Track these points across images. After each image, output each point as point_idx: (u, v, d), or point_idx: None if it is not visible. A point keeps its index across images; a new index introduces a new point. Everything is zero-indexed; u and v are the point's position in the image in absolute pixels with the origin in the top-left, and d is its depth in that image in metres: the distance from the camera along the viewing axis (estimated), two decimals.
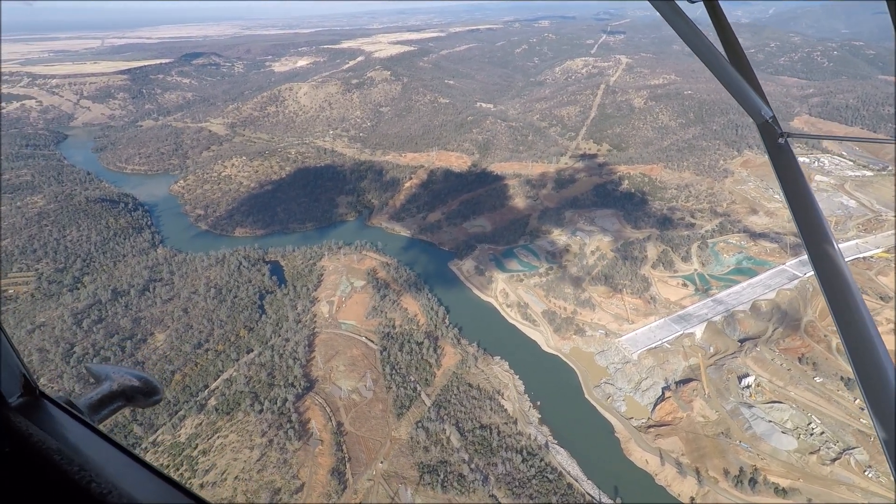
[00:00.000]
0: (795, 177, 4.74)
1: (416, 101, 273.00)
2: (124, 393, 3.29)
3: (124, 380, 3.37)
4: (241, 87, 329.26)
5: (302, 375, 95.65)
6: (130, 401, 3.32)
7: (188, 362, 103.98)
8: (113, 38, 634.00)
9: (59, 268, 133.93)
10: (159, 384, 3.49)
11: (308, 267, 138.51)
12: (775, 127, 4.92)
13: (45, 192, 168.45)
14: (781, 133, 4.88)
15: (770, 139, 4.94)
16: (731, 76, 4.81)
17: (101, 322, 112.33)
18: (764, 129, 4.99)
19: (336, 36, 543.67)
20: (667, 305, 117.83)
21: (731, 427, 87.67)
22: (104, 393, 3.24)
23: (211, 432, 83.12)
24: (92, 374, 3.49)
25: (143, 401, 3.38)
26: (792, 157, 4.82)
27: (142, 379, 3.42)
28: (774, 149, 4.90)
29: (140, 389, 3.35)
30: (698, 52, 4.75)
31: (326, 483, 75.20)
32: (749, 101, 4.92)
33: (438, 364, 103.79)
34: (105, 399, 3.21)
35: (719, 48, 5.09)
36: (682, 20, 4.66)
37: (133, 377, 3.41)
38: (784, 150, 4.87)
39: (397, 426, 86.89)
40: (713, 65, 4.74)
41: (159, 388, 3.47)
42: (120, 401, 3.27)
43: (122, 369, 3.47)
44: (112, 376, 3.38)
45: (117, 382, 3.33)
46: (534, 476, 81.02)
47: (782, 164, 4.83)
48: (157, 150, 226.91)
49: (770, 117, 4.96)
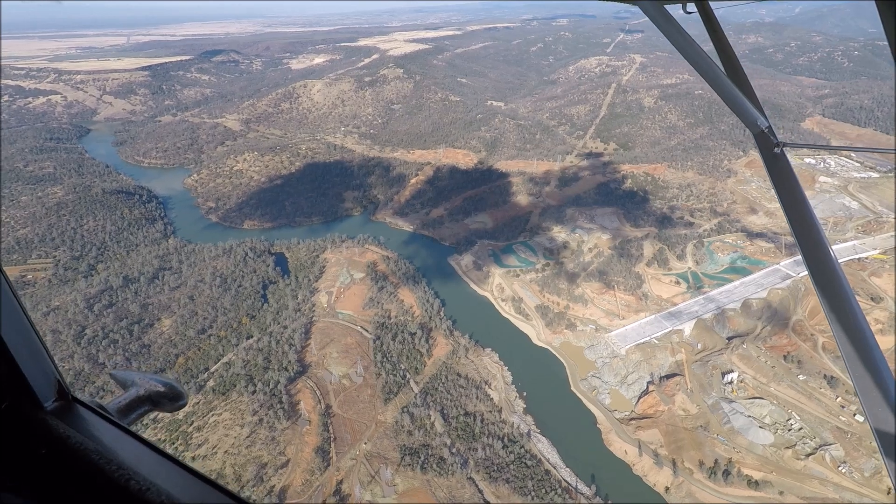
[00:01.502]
0: (791, 185, 4.78)
1: (428, 98, 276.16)
2: (150, 398, 3.37)
3: (150, 385, 3.44)
4: (258, 84, 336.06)
5: (296, 360, 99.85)
6: (156, 405, 3.40)
7: (191, 346, 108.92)
8: (138, 35, 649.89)
9: (76, 255, 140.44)
10: (184, 389, 3.61)
11: (311, 259, 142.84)
12: (771, 137, 4.95)
13: (65, 183, 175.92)
14: (777, 143, 4.91)
15: (766, 149, 4.97)
16: (726, 87, 4.84)
17: (112, 307, 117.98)
18: (760, 138, 5.02)
19: (354, 34, 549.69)
20: (658, 302, 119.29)
21: (710, 421, 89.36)
22: (132, 397, 3.31)
23: (206, 410, 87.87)
24: (117, 381, 3.57)
25: (168, 405, 3.46)
26: (787, 166, 4.86)
27: (167, 385, 3.49)
28: (770, 158, 4.94)
29: (165, 395, 3.45)
30: (693, 63, 4.81)
31: (311, 460, 79.23)
32: (745, 111, 4.92)
33: (429, 354, 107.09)
34: (133, 403, 3.29)
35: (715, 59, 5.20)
36: (673, 27, 4.72)
37: (158, 382, 3.48)
38: (780, 159, 4.90)
39: (384, 410, 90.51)
40: (709, 75, 4.81)
41: (184, 394, 3.57)
42: (147, 405, 3.35)
43: (146, 375, 3.56)
44: (138, 382, 3.46)
45: (144, 388, 3.40)
46: (512, 462, 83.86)
47: (778, 172, 4.88)
48: (173, 144, 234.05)
49: (766, 127, 4.99)
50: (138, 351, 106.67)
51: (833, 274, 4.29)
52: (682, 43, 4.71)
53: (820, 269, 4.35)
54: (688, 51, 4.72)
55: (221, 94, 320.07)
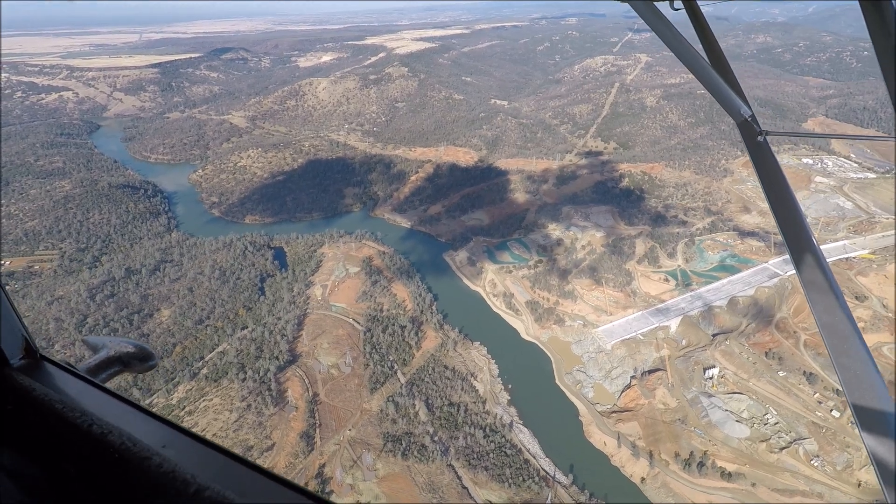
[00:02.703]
0: (774, 173, 4.86)
1: (431, 97, 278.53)
2: (120, 359, 3.40)
3: (120, 346, 3.47)
4: (266, 82, 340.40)
5: (287, 350, 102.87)
6: (127, 366, 3.44)
7: (189, 336, 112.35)
8: (150, 32, 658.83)
9: (81, 247, 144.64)
10: (153, 351, 3.65)
11: (309, 253, 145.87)
12: (754, 125, 5.03)
13: (74, 177, 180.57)
14: (760, 131, 5.00)
15: (749, 137, 5.06)
16: (710, 77, 4.94)
17: (113, 297, 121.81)
18: (743, 127, 5.11)
19: (363, 32, 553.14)
20: (646, 299, 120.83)
21: (688, 414, 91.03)
22: (101, 358, 3.35)
23: (198, 396, 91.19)
24: (88, 346, 3.60)
25: (138, 366, 3.50)
26: (770, 155, 4.94)
27: (136, 346, 3.53)
28: (754, 146, 5.04)
29: (135, 355, 3.48)
30: (679, 55, 4.92)
31: (295, 444, 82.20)
32: (728, 100, 5.02)
33: (418, 346, 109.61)
34: (102, 364, 3.33)
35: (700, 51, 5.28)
36: (662, 23, 4.79)
37: (128, 344, 3.51)
38: (763, 148, 4.99)
39: (370, 399, 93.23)
40: (694, 66, 4.92)
41: (153, 354, 3.62)
42: (117, 366, 3.38)
43: (116, 339, 3.59)
44: (108, 344, 3.49)
45: (114, 349, 3.43)
46: (493, 450, 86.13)
47: (761, 161, 4.96)
48: (180, 140, 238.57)
49: (749, 116, 5.06)
50: (137, 339, 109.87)
51: (815, 259, 4.38)
52: (669, 37, 4.88)
53: (802, 256, 4.45)
54: (675, 44, 4.89)
55: (229, 92, 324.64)
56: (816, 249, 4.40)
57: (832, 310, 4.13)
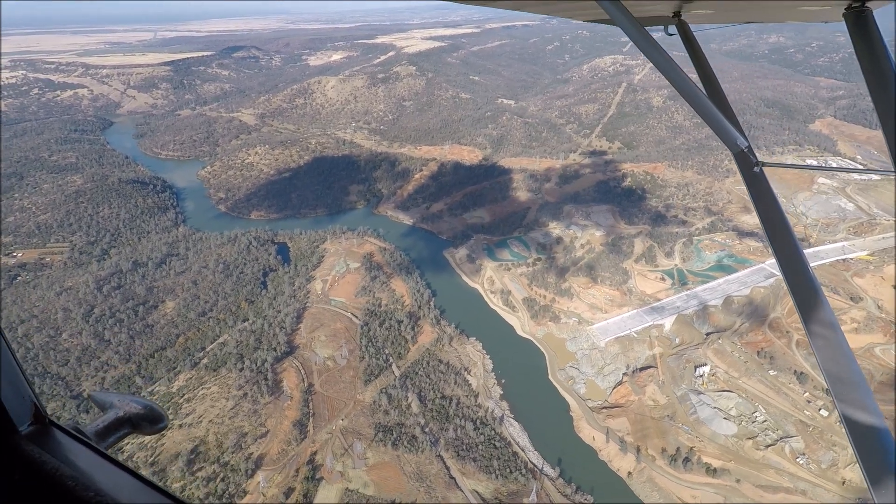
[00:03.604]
0: (770, 202, 4.93)
1: (438, 96, 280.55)
2: (130, 420, 3.29)
3: (129, 407, 3.35)
4: (276, 80, 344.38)
5: (285, 342, 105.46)
6: (136, 428, 3.32)
7: (191, 327, 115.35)
8: (165, 31, 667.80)
9: (91, 240, 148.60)
10: (163, 411, 3.52)
11: (311, 249, 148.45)
12: (750, 156, 5.04)
13: (86, 172, 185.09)
14: (757, 162, 5.04)
15: (746, 168, 5.08)
16: (707, 108, 4.92)
17: (120, 288, 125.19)
18: (740, 158, 5.11)
19: (373, 31, 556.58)
20: (642, 297, 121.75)
21: (677, 411, 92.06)
22: (110, 420, 3.23)
23: (197, 385, 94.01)
24: (96, 403, 3.49)
25: (148, 428, 3.37)
26: (766, 184, 5.02)
27: (146, 406, 3.41)
28: (750, 177, 5.06)
29: (145, 416, 3.36)
30: (674, 84, 4.86)
31: (288, 432, 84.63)
32: (724, 131, 4.99)
33: (414, 341, 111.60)
34: (112, 426, 3.20)
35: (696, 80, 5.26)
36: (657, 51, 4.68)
37: (138, 404, 3.41)
38: (759, 178, 5.04)
39: (363, 391, 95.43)
40: (689, 96, 4.88)
41: (164, 416, 3.49)
42: (126, 427, 3.27)
43: (126, 396, 3.48)
44: (116, 404, 3.37)
45: (123, 410, 3.32)
46: (482, 443, 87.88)
47: (758, 191, 5.01)
48: (190, 137, 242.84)
49: (745, 147, 5.07)
50: (142, 330, 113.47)
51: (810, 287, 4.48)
52: (663, 64, 4.73)
53: (797, 282, 4.53)
54: (669, 72, 4.76)
55: (240, 90, 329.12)
56: (811, 276, 4.53)
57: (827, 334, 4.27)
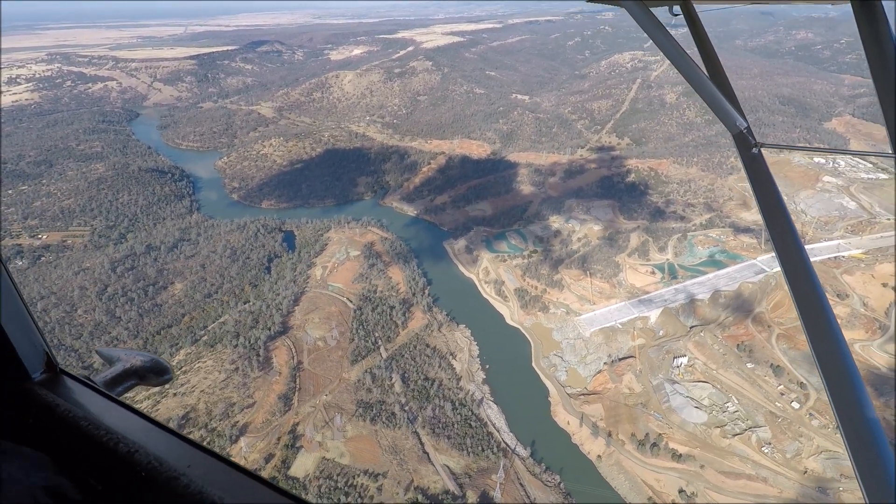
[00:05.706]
0: (768, 184, 4.92)
1: (453, 90, 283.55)
2: (136, 372, 3.47)
3: (135, 360, 3.54)
4: (297, 74, 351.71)
5: (280, 323, 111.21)
6: (143, 379, 3.51)
7: (197, 308, 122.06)
8: (195, 25, 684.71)
9: (110, 225, 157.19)
10: (168, 364, 3.76)
11: (316, 237, 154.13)
12: (749, 137, 5.04)
13: (109, 161, 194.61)
14: (755, 143, 5.01)
15: (744, 149, 5.07)
16: (707, 88, 4.94)
17: (133, 270, 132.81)
18: (739, 139, 5.11)
19: (396, 26, 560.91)
20: (631, 290, 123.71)
21: (651, 399, 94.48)
22: (118, 371, 3.40)
23: (195, 359, 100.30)
24: (103, 357, 3.67)
25: (154, 379, 3.58)
26: (764, 166, 5.00)
27: (152, 360, 3.61)
28: (748, 158, 5.05)
29: (151, 368, 3.56)
30: (676, 64, 4.91)
31: (274, 404, 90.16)
32: (724, 112, 4.99)
33: (404, 325, 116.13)
34: (119, 377, 3.38)
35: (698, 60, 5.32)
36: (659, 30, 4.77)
37: (143, 357, 3.60)
38: (757, 159, 5.02)
39: (350, 370, 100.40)
40: (690, 76, 4.91)
41: (168, 368, 3.72)
42: (133, 379, 3.45)
43: (132, 351, 3.65)
44: (123, 357, 3.55)
45: (129, 362, 3.50)
46: (458, 422, 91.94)
47: (755, 172, 5.01)
48: (210, 129, 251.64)
49: (745, 128, 5.07)
50: (151, 308, 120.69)
51: (804, 269, 4.44)
52: (665, 45, 4.83)
53: (792, 265, 4.50)
54: (671, 52, 4.85)
55: (261, 83, 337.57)
56: (806, 260, 4.51)
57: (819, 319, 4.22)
